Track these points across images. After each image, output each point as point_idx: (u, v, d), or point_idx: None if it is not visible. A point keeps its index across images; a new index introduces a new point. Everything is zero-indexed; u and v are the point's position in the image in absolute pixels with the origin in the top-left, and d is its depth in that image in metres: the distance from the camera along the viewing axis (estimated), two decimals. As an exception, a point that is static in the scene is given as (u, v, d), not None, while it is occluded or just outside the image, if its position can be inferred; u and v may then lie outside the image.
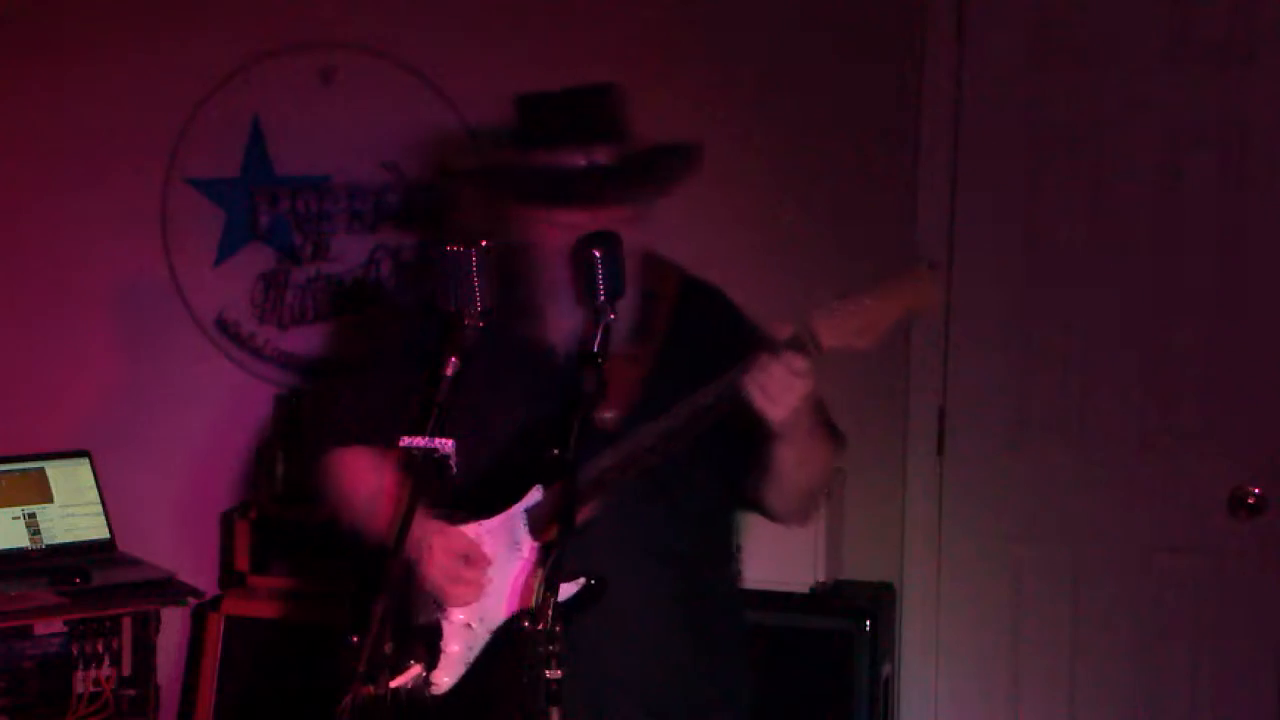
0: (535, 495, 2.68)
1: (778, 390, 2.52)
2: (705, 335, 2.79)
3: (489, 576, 2.66)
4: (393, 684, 2.65)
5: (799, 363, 2.51)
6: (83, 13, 4.19)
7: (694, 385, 2.58)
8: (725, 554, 2.91)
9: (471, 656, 2.68)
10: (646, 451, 2.61)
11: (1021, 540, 4.13)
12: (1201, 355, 3.98)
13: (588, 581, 2.59)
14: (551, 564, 2.27)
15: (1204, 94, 3.95)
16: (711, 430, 2.60)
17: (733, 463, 2.73)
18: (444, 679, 2.68)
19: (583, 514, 2.59)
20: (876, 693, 3.86)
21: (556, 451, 2.57)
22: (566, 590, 2.54)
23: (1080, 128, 4.04)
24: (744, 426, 2.59)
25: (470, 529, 2.69)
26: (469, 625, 2.68)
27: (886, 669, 3.98)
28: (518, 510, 2.68)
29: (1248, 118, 3.93)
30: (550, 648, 2.20)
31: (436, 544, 2.65)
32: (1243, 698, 3.98)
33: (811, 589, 3.88)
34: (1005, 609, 4.14)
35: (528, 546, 2.66)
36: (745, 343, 2.64)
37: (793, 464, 2.68)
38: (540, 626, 2.22)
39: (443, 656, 2.69)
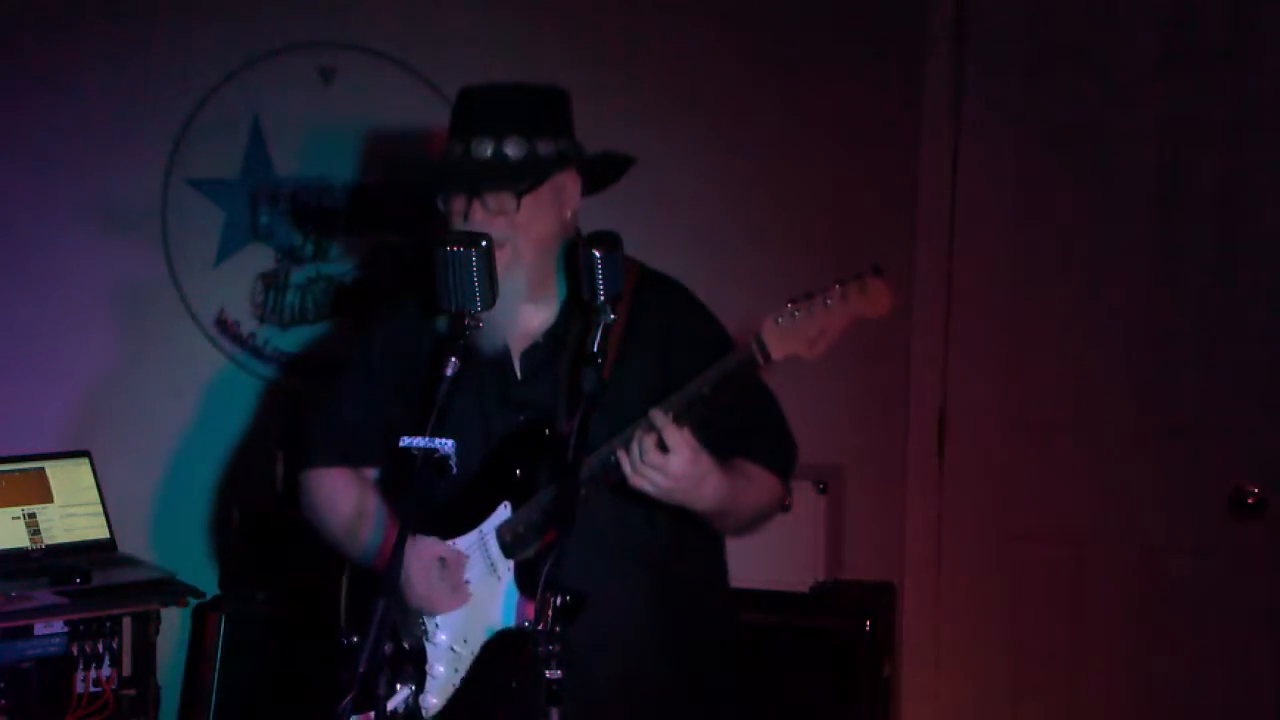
0: (503, 513, 2.64)
1: (645, 469, 2.48)
2: (664, 337, 2.70)
3: (467, 583, 2.64)
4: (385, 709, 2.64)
5: (676, 450, 2.44)
6: (82, 12, 4.18)
7: (653, 394, 2.51)
8: (706, 557, 2.83)
9: (459, 679, 2.66)
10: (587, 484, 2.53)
11: (1021, 540, 4.13)
12: (1201, 354, 3.98)
13: (563, 601, 2.57)
14: (552, 563, 2.26)
15: (1203, 95, 3.95)
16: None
17: None
18: (433, 701, 2.67)
19: (551, 534, 2.56)
20: (876, 693, 3.86)
21: (519, 472, 2.58)
22: None
23: (1079, 128, 4.04)
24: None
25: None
26: (452, 648, 2.66)
27: (886, 669, 3.98)
28: (487, 529, 2.65)
29: (1246, 118, 3.94)
30: (550, 648, 2.18)
31: (410, 556, 2.59)
32: (1243, 697, 3.98)
33: (811, 589, 3.88)
34: (1005, 609, 4.15)
35: (504, 566, 2.64)
36: (706, 347, 2.57)
37: (713, 516, 2.64)
38: (540, 626, 2.21)
39: (429, 679, 2.68)
